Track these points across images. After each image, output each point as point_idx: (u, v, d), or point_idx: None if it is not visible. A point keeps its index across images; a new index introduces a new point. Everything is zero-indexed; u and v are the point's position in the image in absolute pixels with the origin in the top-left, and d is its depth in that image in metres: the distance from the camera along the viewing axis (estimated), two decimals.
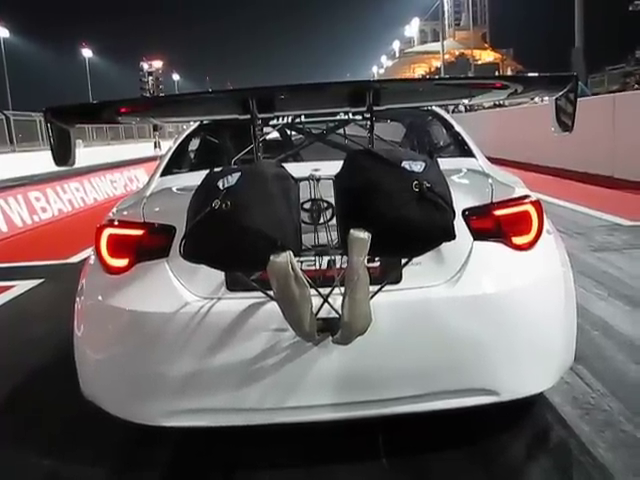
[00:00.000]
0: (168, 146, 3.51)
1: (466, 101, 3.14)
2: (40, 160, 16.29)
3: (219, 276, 2.23)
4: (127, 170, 16.29)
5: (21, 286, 5.80)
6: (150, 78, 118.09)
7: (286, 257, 1.85)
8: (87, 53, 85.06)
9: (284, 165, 2.08)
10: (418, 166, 1.88)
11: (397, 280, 2.23)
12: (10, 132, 25.39)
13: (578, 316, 2.48)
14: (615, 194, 9.45)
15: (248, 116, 2.26)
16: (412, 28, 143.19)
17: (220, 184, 1.87)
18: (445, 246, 2.04)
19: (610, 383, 2.93)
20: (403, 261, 2.18)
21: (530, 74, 2.56)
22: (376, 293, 2.05)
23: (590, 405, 2.73)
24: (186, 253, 1.92)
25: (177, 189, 2.64)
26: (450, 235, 1.92)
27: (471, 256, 2.27)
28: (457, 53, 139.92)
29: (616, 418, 2.61)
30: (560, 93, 2.40)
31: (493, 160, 3.02)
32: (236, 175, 1.89)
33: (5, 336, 4.44)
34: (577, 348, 2.49)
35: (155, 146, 27.54)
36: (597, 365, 3.13)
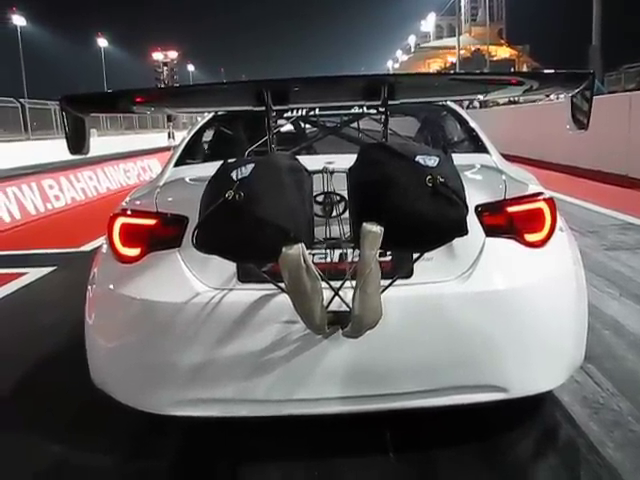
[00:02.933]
0: (182, 137, 3.52)
1: (481, 97, 3.11)
2: (54, 148, 16.36)
3: (231, 267, 2.23)
4: (140, 160, 16.32)
5: (33, 273, 5.85)
6: (165, 68, 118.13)
7: (298, 249, 1.85)
8: (102, 43, 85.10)
9: (298, 157, 2.08)
10: (432, 161, 1.87)
11: (408, 275, 2.23)
12: (25, 120, 25.48)
13: (589, 315, 2.47)
14: (629, 193, 9.39)
15: (262, 108, 2.26)
16: (428, 23, 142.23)
17: (234, 175, 1.87)
18: (457, 242, 2.04)
19: (620, 383, 2.91)
20: (415, 256, 2.18)
21: (546, 71, 2.54)
22: (387, 287, 2.05)
23: (599, 404, 2.72)
24: (198, 243, 1.92)
25: (190, 179, 2.64)
26: (463, 230, 1.91)
27: (483, 252, 2.26)
28: (473, 49, 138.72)
29: (625, 418, 2.60)
30: (576, 90, 2.37)
31: (506, 157, 3.00)
32: (250, 166, 1.88)
33: (18, 323, 4.48)
34: (587, 347, 2.47)
35: (169, 136, 27.49)
36: (607, 364, 3.12)
